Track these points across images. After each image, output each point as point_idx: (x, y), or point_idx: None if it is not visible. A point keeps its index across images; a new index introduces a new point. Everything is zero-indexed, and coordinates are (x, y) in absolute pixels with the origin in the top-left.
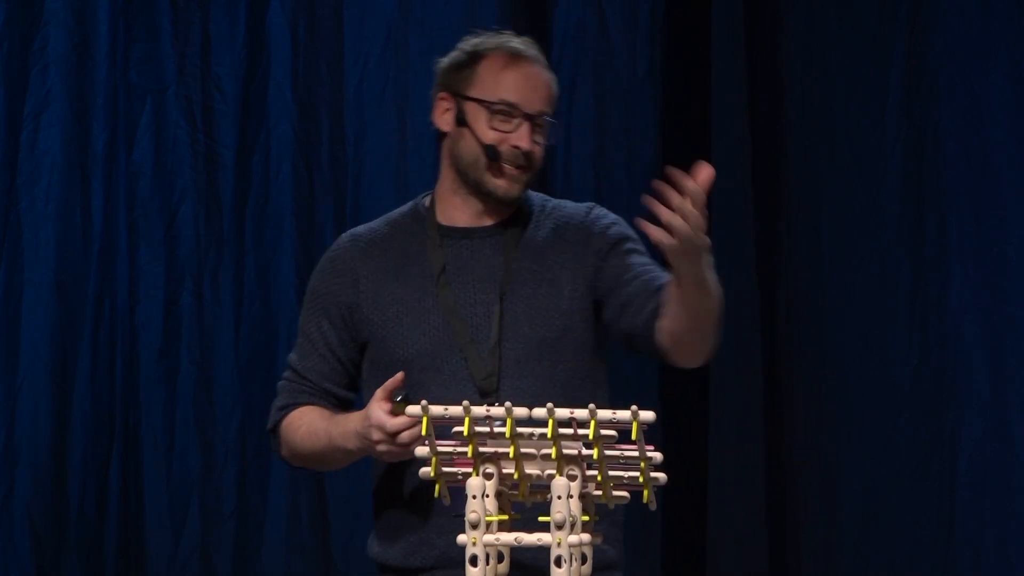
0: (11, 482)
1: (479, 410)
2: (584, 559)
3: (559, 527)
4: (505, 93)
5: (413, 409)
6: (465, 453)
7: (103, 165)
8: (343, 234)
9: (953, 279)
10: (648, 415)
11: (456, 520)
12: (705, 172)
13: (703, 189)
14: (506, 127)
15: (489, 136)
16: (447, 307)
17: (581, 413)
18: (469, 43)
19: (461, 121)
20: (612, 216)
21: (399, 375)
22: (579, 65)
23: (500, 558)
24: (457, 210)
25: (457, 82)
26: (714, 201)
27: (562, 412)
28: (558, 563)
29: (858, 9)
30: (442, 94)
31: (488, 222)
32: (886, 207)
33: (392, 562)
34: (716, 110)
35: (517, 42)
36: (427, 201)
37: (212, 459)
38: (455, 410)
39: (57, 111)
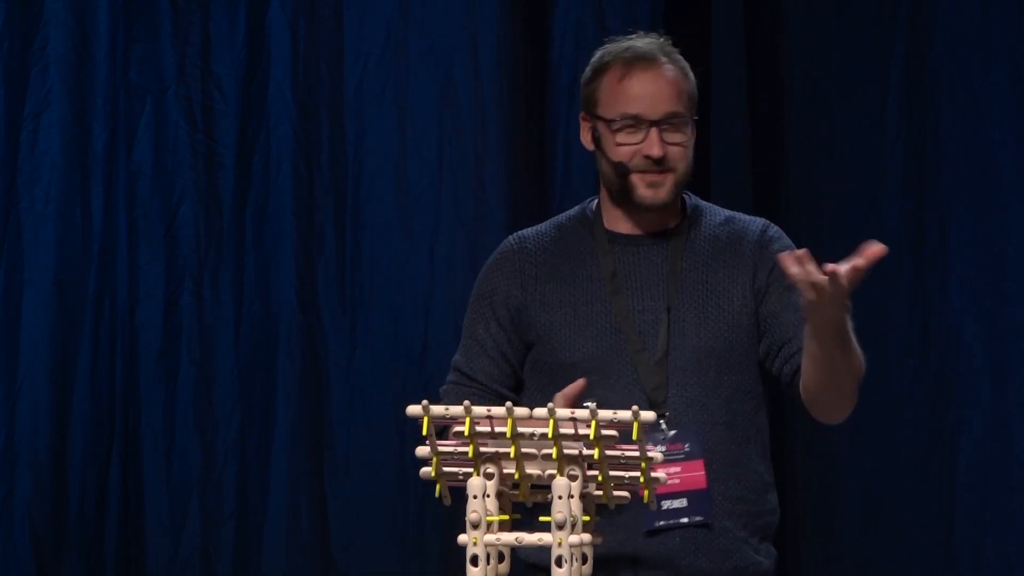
0: (11, 482)
1: (479, 410)
2: (584, 559)
3: (560, 527)
4: (625, 106)
5: (413, 409)
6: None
7: (103, 165)
8: (510, 236)
9: (953, 279)
10: (648, 415)
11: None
12: (874, 249)
13: (869, 263)
14: (635, 139)
15: (618, 153)
16: (619, 313)
17: (582, 413)
18: (597, 55)
19: (596, 140)
20: (787, 239)
21: (582, 381)
22: (579, 65)
23: (501, 558)
24: (620, 219)
25: (587, 101)
26: (714, 201)
27: (562, 412)
28: (559, 563)
29: (858, 9)
30: (582, 114)
31: (653, 229)
32: (886, 207)
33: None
34: (716, 110)
35: (640, 44)
36: (595, 205)
37: (212, 459)
38: (456, 410)
39: (57, 111)
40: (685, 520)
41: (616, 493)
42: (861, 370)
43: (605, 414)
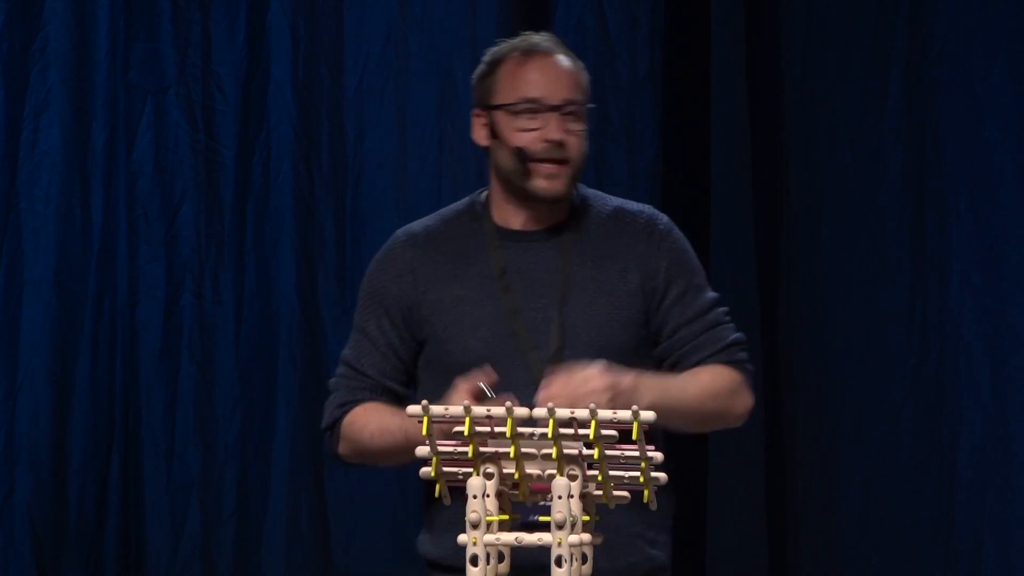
0: (11, 482)
1: (479, 410)
2: (584, 559)
3: (560, 527)
4: (525, 90)
5: (413, 409)
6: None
7: (103, 165)
8: (398, 231)
9: (953, 279)
10: (648, 415)
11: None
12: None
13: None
14: (534, 124)
15: (519, 139)
16: (509, 312)
17: (582, 413)
18: (490, 52)
19: (494, 132)
20: (676, 230)
21: (492, 374)
22: None
23: (500, 558)
24: (512, 215)
25: (483, 94)
26: (714, 201)
27: (562, 412)
28: (559, 563)
29: (858, 9)
30: (475, 110)
31: (544, 225)
32: (886, 207)
33: (443, 560)
34: (716, 110)
35: (535, 38)
36: (483, 198)
37: (212, 459)
38: (455, 410)
39: (57, 111)
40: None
41: (616, 493)
42: (714, 393)
43: (605, 414)
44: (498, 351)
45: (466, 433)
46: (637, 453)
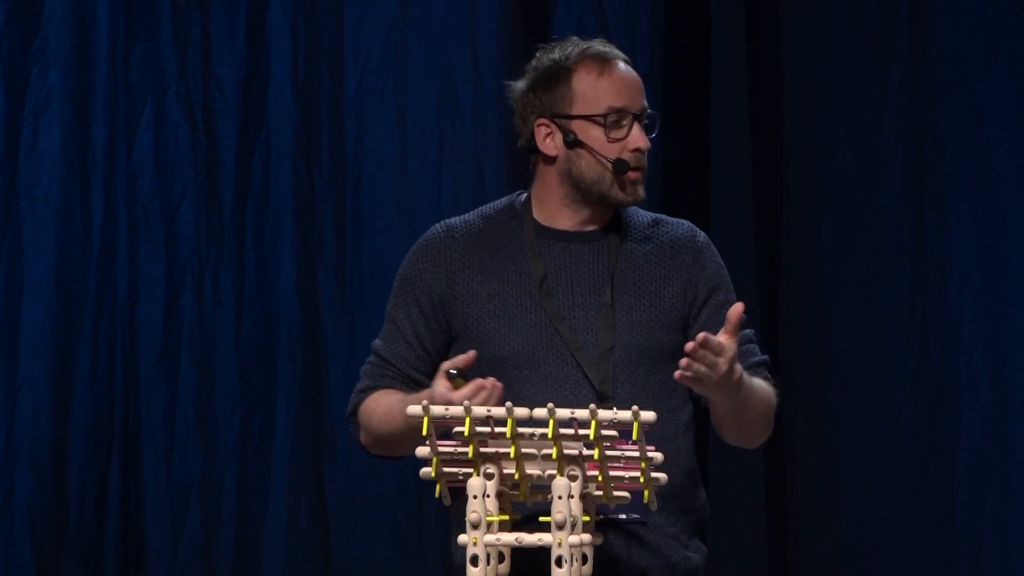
0: (11, 482)
1: (480, 410)
2: (584, 559)
3: (560, 527)
4: (610, 100)
5: (414, 409)
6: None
7: (103, 165)
8: (437, 224)
9: (953, 279)
10: (648, 415)
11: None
12: (734, 311)
13: (733, 320)
14: (619, 133)
15: (611, 150)
16: (552, 311)
17: (582, 413)
18: (546, 60)
19: (572, 142)
20: (713, 247)
21: (471, 354)
22: None
23: (501, 558)
24: (564, 216)
25: (553, 104)
26: (714, 201)
27: (563, 412)
28: (559, 563)
29: (858, 9)
30: (540, 120)
31: (591, 227)
32: (886, 207)
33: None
34: (716, 110)
35: (596, 45)
36: (523, 198)
37: (212, 459)
38: (456, 410)
39: (57, 111)
40: (623, 516)
41: (616, 493)
42: (768, 404)
43: (605, 414)
44: (540, 347)
45: (466, 433)
46: (637, 453)
